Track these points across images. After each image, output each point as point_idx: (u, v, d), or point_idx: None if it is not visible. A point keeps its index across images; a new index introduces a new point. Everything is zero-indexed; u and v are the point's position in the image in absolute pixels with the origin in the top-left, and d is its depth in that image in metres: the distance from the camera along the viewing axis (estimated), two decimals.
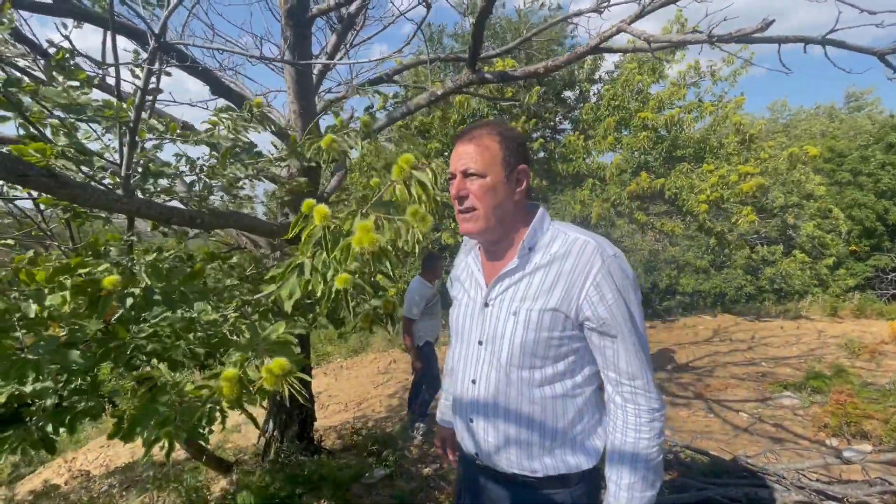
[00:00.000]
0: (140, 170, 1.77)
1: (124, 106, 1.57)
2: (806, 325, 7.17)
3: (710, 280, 13.45)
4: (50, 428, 1.11)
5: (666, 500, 2.08)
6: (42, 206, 1.73)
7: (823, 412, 2.89)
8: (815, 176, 15.05)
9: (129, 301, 1.18)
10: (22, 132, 1.49)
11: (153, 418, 1.05)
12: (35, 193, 1.63)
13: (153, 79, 1.57)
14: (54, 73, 1.54)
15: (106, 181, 1.72)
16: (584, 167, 7.88)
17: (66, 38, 1.71)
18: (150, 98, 1.75)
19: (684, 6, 2.14)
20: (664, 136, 8.12)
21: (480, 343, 1.06)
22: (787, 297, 13.25)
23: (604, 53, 1.93)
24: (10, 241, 1.69)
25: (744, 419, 3.31)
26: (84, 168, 1.61)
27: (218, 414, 1.21)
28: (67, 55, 1.57)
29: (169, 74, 1.88)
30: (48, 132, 1.55)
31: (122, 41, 3.61)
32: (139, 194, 1.79)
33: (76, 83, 1.58)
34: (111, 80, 2.04)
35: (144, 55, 2.03)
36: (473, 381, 1.07)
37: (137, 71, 1.76)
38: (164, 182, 1.85)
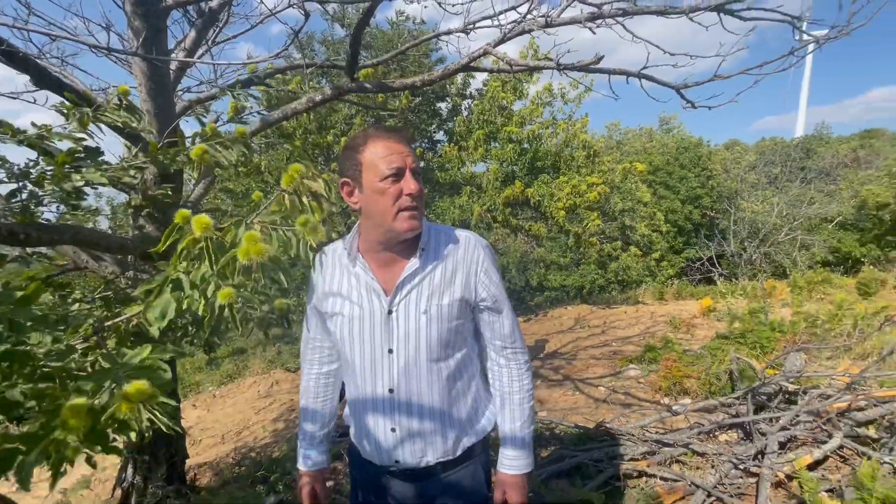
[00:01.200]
0: None
1: None
2: (642, 309, 8.58)
3: (571, 276, 15.33)
4: None
5: (545, 471, 2.35)
6: None
7: (657, 377, 3.53)
8: (642, 185, 18.22)
9: None
10: None
11: None
12: None
13: None
14: None
15: None
16: (460, 176, 8.40)
17: None
18: None
19: (537, 36, 2.47)
20: (527, 148, 9.08)
21: (391, 351, 1.04)
22: (628, 287, 15.70)
23: (474, 71, 2.14)
24: None
25: (602, 392, 3.86)
26: None
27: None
28: None
29: None
30: None
31: None
32: None
33: None
34: None
35: None
36: (391, 391, 1.05)
37: None
38: None
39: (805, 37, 2.20)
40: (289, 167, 1.02)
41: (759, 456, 2.06)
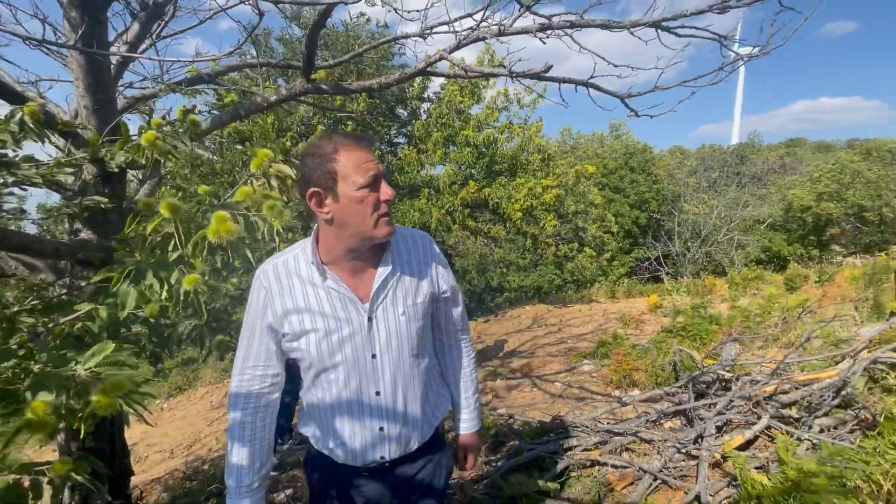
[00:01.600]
0: None
1: None
2: (596, 307, 8.93)
3: (530, 276, 15.75)
4: None
5: (504, 466, 2.42)
6: None
7: (609, 371, 3.71)
8: (594, 188, 19.02)
9: None
10: None
11: None
12: None
13: None
14: None
15: None
16: (419, 178, 8.44)
17: None
18: None
19: (491, 43, 2.54)
20: (484, 152, 9.25)
21: (374, 356, 1.07)
22: (583, 286, 16.31)
23: (430, 76, 2.17)
24: None
25: (558, 388, 4.00)
26: None
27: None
28: None
29: None
30: None
31: None
32: None
33: None
34: None
35: None
36: (377, 393, 1.08)
37: None
38: None
39: (733, 54, 2.40)
40: (258, 151, 1.00)
41: (699, 440, 2.23)
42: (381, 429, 1.09)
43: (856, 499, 1.50)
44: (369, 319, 1.06)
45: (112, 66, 2.49)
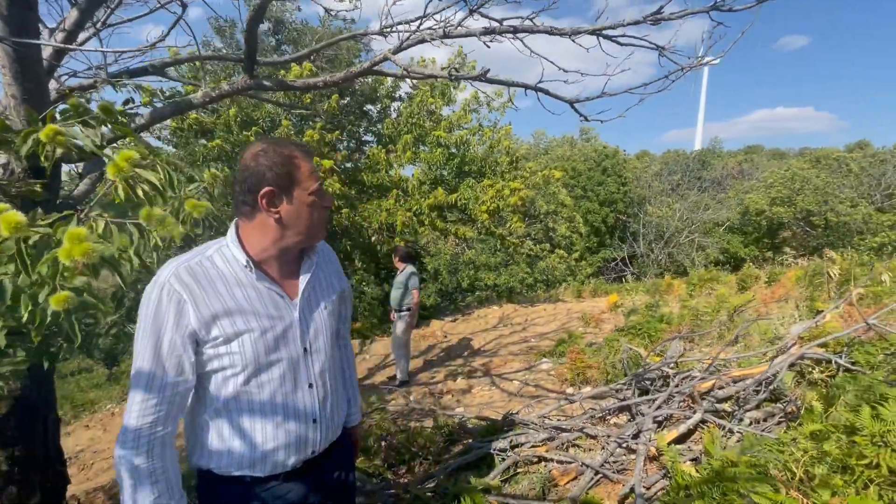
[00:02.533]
0: None
1: None
2: (561, 307, 9.11)
3: (501, 275, 15.91)
4: None
5: (453, 464, 2.44)
6: None
7: (564, 369, 3.80)
8: (563, 190, 19.40)
9: None
10: None
11: None
12: None
13: None
14: None
15: None
16: (388, 179, 8.39)
17: None
18: None
19: (449, 45, 2.56)
20: (455, 153, 9.29)
21: (306, 350, 1.11)
22: (552, 286, 16.60)
23: (377, 75, 2.15)
24: None
25: (515, 386, 4.07)
26: None
27: None
28: None
29: None
30: None
31: None
32: None
33: None
34: None
35: None
36: (310, 385, 1.12)
37: None
38: None
39: (674, 63, 2.51)
40: (120, 153, 0.95)
41: (638, 435, 2.31)
42: (315, 420, 1.13)
43: (770, 485, 1.59)
44: (299, 315, 1.11)
45: (49, 54, 2.37)
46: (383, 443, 2.75)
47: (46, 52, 2.41)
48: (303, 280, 1.13)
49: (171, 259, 1.03)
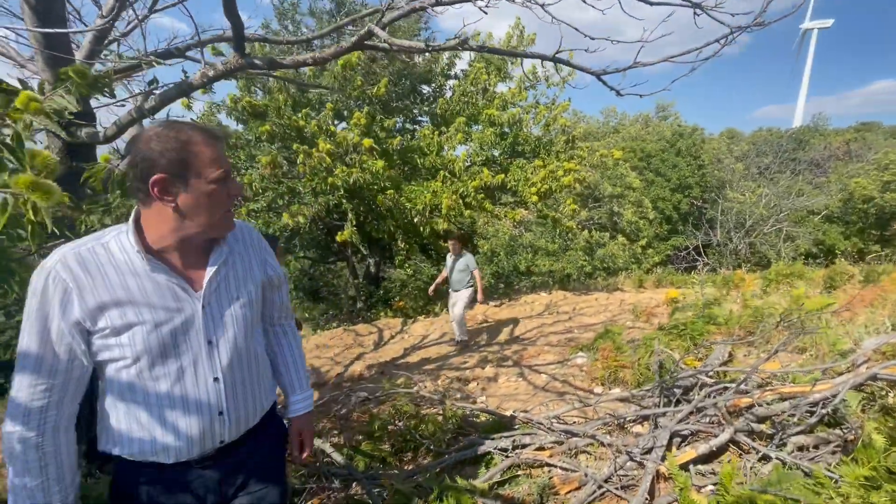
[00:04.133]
0: None
1: None
2: (616, 297, 8.59)
3: (559, 261, 15.36)
4: None
5: (452, 457, 2.37)
6: None
7: (593, 368, 3.55)
8: (631, 172, 18.13)
9: None
10: None
11: None
12: None
13: None
14: None
15: None
16: (439, 160, 8.27)
17: None
18: None
19: (441, 12, 2.37)
20: (507, 132, 8.92)
21: (210, 342, 1.07)
22: (613, 274, 15.74)
23: (367, 49, 2.03)
24: None
25: (543, 380, 3.88)
26: None
27: None
28: None
29: None
30: None
31: None
32: None
33: None
34: None
35: None
36: (216, 379, 1.08)
37: None
38: None
39: (720, 23, 2.12)
40: None
41: (651, 450, 2.07)
42: (221, 413, 1.08)
43: None
44: (204, 307, 1.05)
45: (88, 41, 2.52)
46: (389, 427, 2.74)
47: (88, 38, 2.56)
48: (209, 271, 1.07)
49: (65, 244, 1.00)
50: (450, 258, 5.91)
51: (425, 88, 10.77)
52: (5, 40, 2.71)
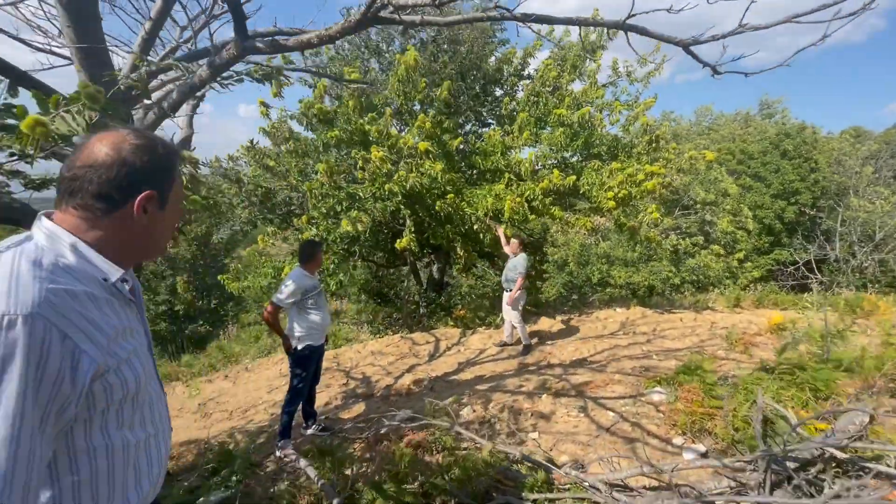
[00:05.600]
0: None
1: None
2: (705, 317, 7.53)
3: (640, 272, 14.05)
4: None
5: None
6: None
7: (673, 410, 2.91)
8: (728, 177, 16.17)
9: None
10: None
11: None
12: None
13: None
14: None
15: None
16: (502, 162, 7.82)
17: None
18: None
19: None
20: (580, 133, 8.22)
21: (157, 374, 1.01)
22: (705, 288, 14.08)
23: (382, 23, 1.71)
24: None
25: (609, 418, 3.30)
26: None
27: None
28: None
29: None
30: None
31: None
32: None
33: None
34: None
35: None
36: (171, 428, 1.04)
37: None
38: None
39: None
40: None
41: None
42: (159, 462, 0.96)
43: None
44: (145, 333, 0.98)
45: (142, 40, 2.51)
46: (418, 474, 2.39)
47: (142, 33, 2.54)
48: (137, 291, 0.98)
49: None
50: (511, 257, 6.20)
51: (497, 91, 10.40)
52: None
